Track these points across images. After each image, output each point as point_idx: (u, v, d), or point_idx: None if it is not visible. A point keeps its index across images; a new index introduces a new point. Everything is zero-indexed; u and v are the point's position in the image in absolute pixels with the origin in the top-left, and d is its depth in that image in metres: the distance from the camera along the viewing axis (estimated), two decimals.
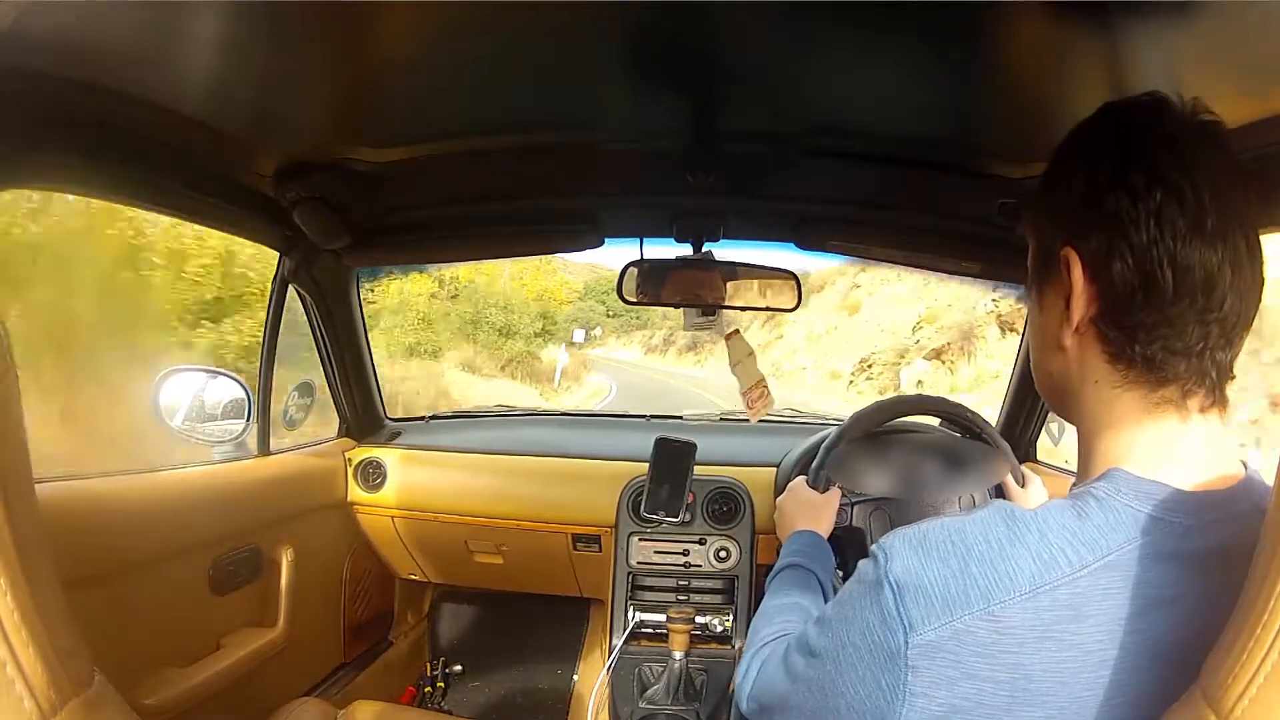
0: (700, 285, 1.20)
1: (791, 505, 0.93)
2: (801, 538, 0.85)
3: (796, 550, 0.82)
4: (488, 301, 16.80)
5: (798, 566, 0.79)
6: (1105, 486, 0.42)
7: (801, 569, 0.79)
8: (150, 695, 0.93)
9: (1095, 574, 0.39)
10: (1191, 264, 0.41)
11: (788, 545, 0.85)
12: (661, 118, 0.91)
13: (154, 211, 1.00)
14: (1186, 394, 0.43)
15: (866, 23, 0.63)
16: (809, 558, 0.80)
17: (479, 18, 0.64)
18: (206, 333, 5.33)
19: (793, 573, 0.78)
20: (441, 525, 1.48)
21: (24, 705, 0.38)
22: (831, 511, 0.92)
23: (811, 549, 0.82)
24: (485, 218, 1.21)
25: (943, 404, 1.10)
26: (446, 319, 15.29)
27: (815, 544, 0.84)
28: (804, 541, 0.84)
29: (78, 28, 0.61)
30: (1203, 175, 0.42)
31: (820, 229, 1.18)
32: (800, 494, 0.94)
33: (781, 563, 0.81)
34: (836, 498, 0.94)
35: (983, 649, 0.39)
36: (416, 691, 1.76)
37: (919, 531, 0.44)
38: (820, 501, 0.93)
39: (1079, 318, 0.45)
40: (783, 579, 0.78)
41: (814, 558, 0.81)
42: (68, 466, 1.47)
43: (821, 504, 0.92)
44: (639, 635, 1.33)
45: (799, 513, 0.91)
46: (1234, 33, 0.57)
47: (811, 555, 0.81)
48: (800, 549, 0.82)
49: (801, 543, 0.84)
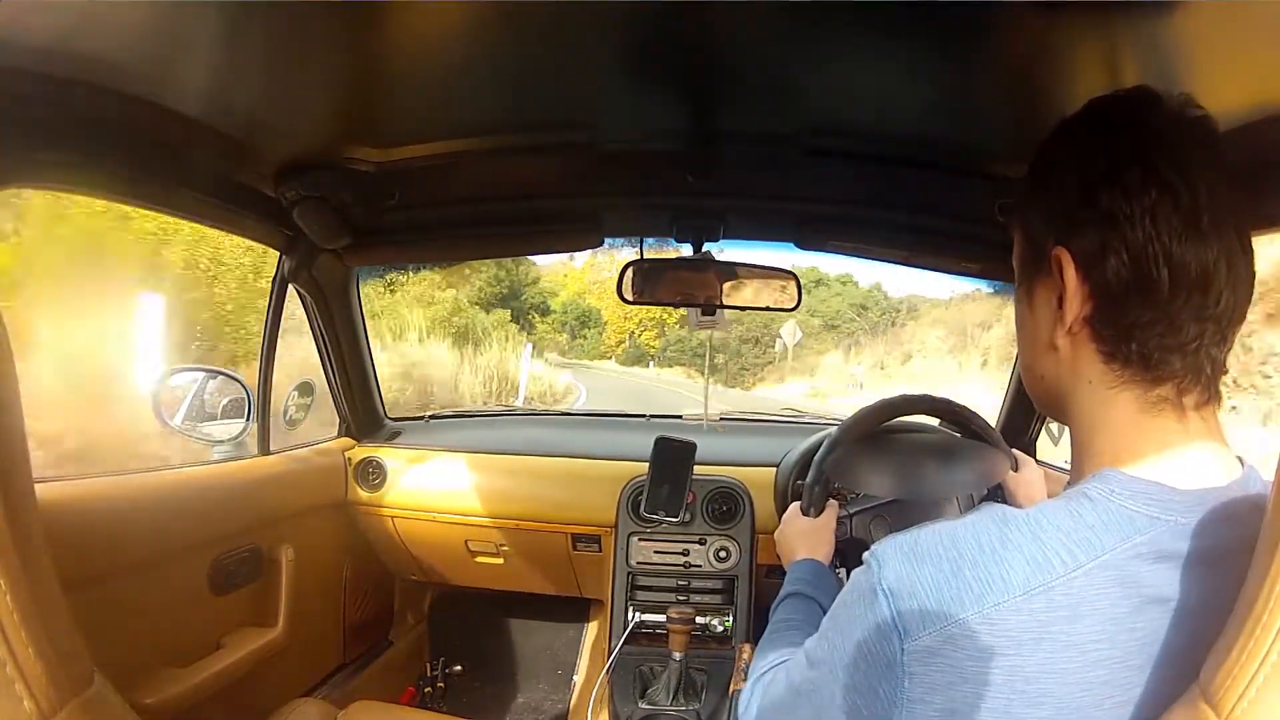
0: (700, 285, 1.20)
1: (790, 536, 0.92)
2: (803, 566, 0.85)
3: (798, 578, 0.82)
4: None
5: (800, 595, 0.79)
6: (1099, 486, 0.42)
7: (803, 597, 0.79)
8: (150, 695, 0.93)
9: (1090, 574, 0.39)
10: (1187, 261, 0.41)
11: (789, 574, 0.85)
12: (662, 118, 0.91)
13: (155, 211, 1.00)
14: (1182, 392, 0.43)
15: (866, 23, 0.63)
16: (810, 585, 0.80)
17: (479, 18, 0.64)
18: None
19: (794, 600, 0.79)
20: (441, 525, 1.48)
21: (24, 705, 0.38)
22: (829, 535, 0.92)
23: (813, 576, 0.82)
24: (485, 218, 1.21)
25: (942, 404, 1.10)
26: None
27: (816, 571, 0.84)
28: (805, 570, 0.84)
29: (78, 28, 0.61)
30: (1196, 171, 0.41)
31: (820, 229, 1.18)
32: (796, 524, 0.93)
33: (784, 591, 0.81)
34: (833, 519, 0.93)
35: (979, 652, 0.39)
36: (416, 691, 1.76)
37: (911, 538, 0.44)
38: (817, 527, 0.92)
39: (1072, 317, 0.45)
40: (785, 607, 0.78)
41: (815, 585, 0.81)
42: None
43: (819, 529, 0.91)
44: (639, 635, 1.33)
45: (798, 542, 0.90)
46: (1232, 33, 0.57)
47: (813, 582, 0.81)
48: (801, 576, 0.82)
49: (803, 571, 0.84)
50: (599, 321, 34.27)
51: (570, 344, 33.20)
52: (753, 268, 1.20)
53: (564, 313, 33.35)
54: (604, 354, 33.47)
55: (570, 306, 33.49)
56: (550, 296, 32.23)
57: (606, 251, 1.41)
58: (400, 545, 1.55)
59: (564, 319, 33.31)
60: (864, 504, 0.99)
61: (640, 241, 1.23)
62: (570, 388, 15.37)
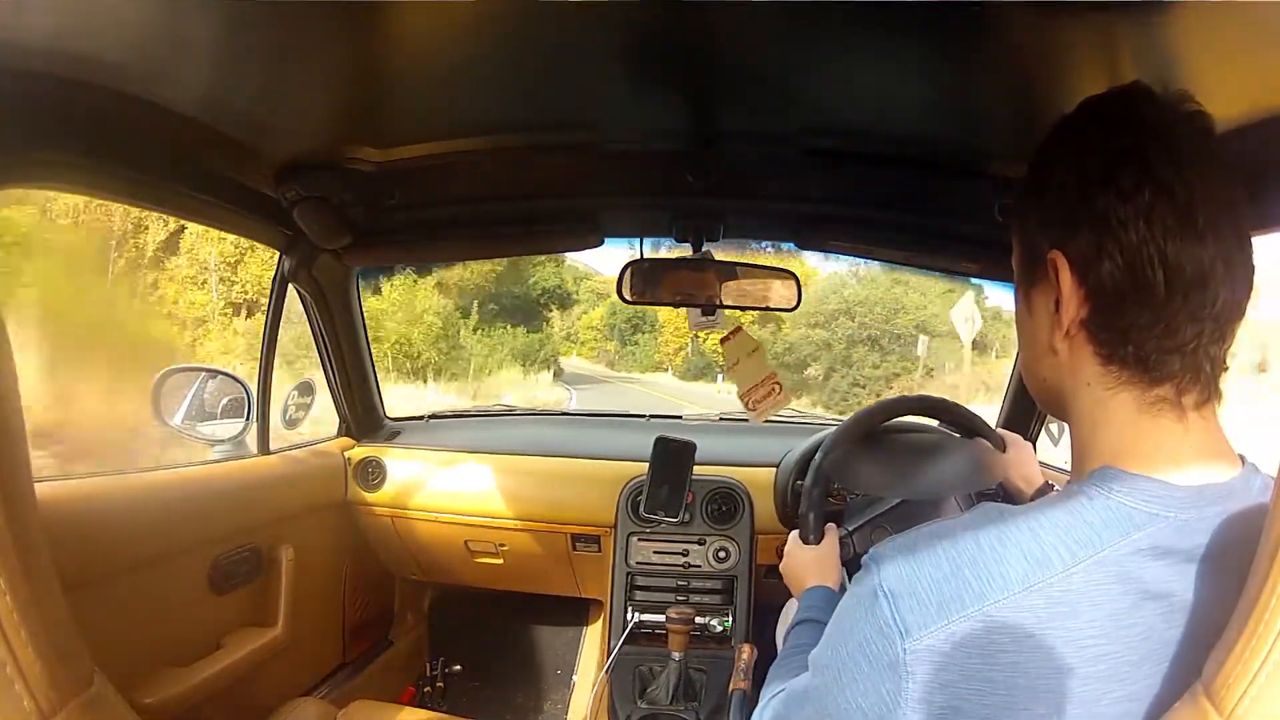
0: (700, 285, 1.20)
1: (795, 568, 0.92)
2: (814, 594, 0.85)
3: (809, 605, 0.83)
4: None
5: (812, 621, 0.80)
6: (1099, 483, 0.42)
7: (816, 623, 0.79)
8: (150, 695, 0.93)
9: (1089, 570, 0.39)
10: (1183, 262, 0.41)
11: (801, 603, 0.86)
12: (662, 118, 0.91)
13: (155, 211, 1.00)
14: (1181, 391, 0.43)
15: (866, 23, 0.63)
16: (821, 610, 0.81)
17: (480, 18, 0.64)
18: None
19: (806, 627, 0.79)
20: (441, 525, 1.48)
21: (24, 705, 0.38)
22: (834, 559, 0.91)
23: (824, 603, 0.83)
24: (485, 218, 1.21)
25: (941, 404, 1.11)
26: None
27: (826, 597, 0.84)
28: (817, 597, 0.84)
29: (78, 28, 0.61)
30: (1191, 170, 0.41)
31: (820, 229, 1.18)
32: (800, 555, 0.92)
33: (797, 618, 0.82)
34: (834, 543, 0.93)
35: (979, 650, 0.39)
36: (416, 691, 1.76)
37: (909, 539, 0.44)
38: (821, 555, 0.91)
39: (1069, 320, 0.45)
40: (797, 633, 0.79)
41: (826, 611, 0.81)
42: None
43: (823, 557, 0.91)
44: (638, 635, 1.33)
45: (805, 572, 0.90)
46: (1231, 33, 0.57)
47: (824, 608, 0.81)
48: (813, 604, 0.83)
49: (814, 598, 0.84)
50: (654, 325, 28.54)
51: (620, 352, 29.75)
52: (753, 267, 1.21)
53: (612, 315, 29.51)
54: (658, 365, 28.35)
55: (619, 307, 27.03)
56: (600, 299, 28.49)
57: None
58: (400, 545, 1.55)
59: (612, 321, 29.99)
60: (861, 519, 0.99)
61: (640, 241, 1.23)
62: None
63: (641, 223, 1.22)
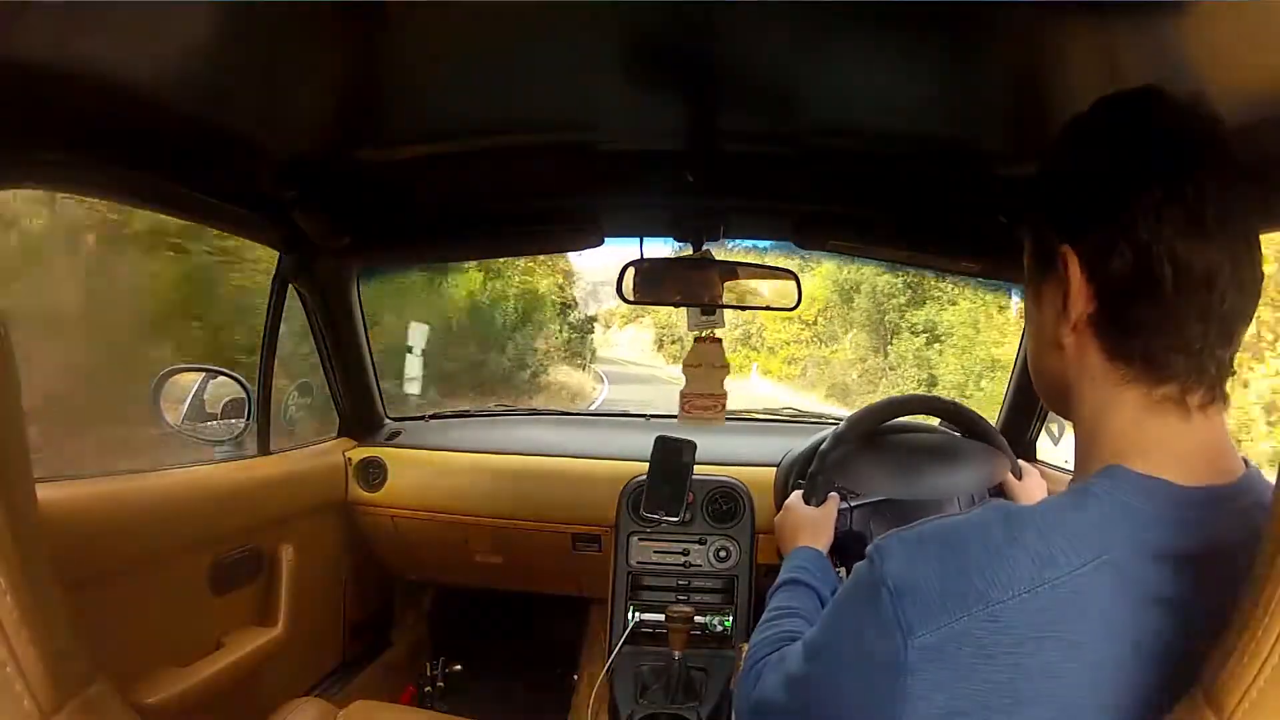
0: (700, 284, 1.20)
1: (790, 523, 0.92)
2: (802, 554, 0.84)
3: (797, 566, 0.81)
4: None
5: (798, 582, 0.78)
6: (1104, 483, 0.42)
7: (802, 584, 0.78)
8: (150, 695, 0.93)
9: (1094, 571, 0.39)
10: (1191, 261, 0.41)
11: (788, 561, 0.84)
12: (662, 118, 0.91)
13: (155, 211, 1.00)
14: (1186, 391, 0.43)
15: (866, 23, 0.63)
16: (809, 573, 0.80)
17: (480, 18, 0.64)
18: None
19: (795, 588, 0.78)
20: (441, 525, 1.48)
21: (24, 705, 0.38)
22: (830, 524, 0.91)
23: (812, 564, 0.82)
24: (485, 218, 1.22)
25: (941, 403, 1.11)
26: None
27: (815, 559, 0.83)
28: (804, 557, 0.83)
29: (77, 28, 0.61)
30: (1202, 171, 0.41)
31: (820, 229, 1.18)
32: (797, 511, 0.93)
33: (782, 578, 0.80)
34: (834, 509, 0.93)
35: (982, 650, 0.39)
36: (416, 691, 1.76)
37: (915, 533, 0.44)
38: (818, 516, 0.91)
39: (1076, 315, 0.45)
40: (782, 594, 0.78)
41: (814, 573, 0.80)
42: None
43: (819, 518, 0.91)
44: (639, 635, 1.33)
45: (798, 530, 0.90)
46: (1235, 33, 0.57)
47: (814, 571, 0.80)
48: (801, 564, 0.82)
49: (802, 558, 0.83)
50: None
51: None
52: (753, 267, 1.21)
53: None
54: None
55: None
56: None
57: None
58: (400, 545, 1.55)
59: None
60: (868, 497, 0.99)
61: (640, 241, 1.23)
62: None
63: (642, 222, 1.22)
